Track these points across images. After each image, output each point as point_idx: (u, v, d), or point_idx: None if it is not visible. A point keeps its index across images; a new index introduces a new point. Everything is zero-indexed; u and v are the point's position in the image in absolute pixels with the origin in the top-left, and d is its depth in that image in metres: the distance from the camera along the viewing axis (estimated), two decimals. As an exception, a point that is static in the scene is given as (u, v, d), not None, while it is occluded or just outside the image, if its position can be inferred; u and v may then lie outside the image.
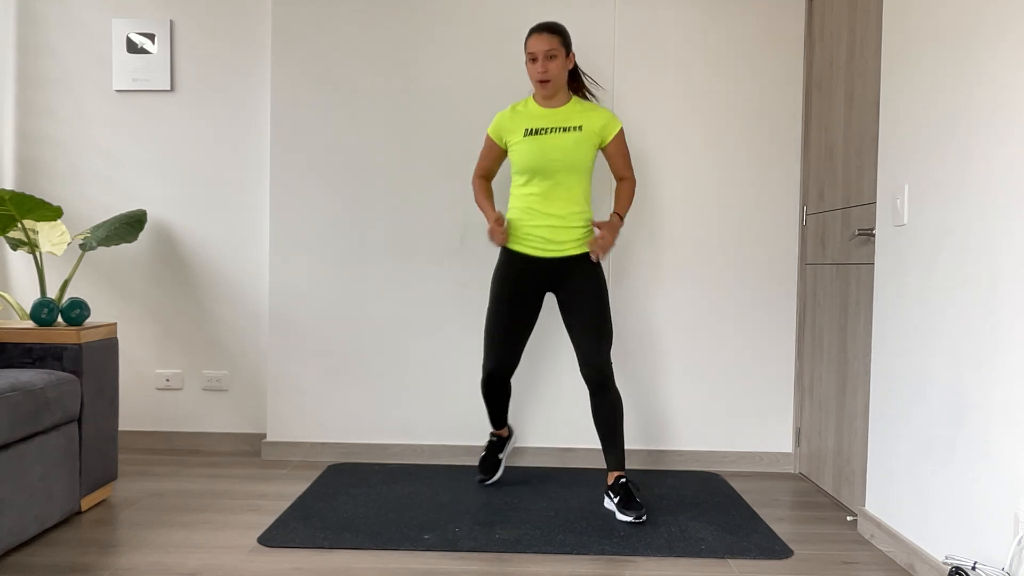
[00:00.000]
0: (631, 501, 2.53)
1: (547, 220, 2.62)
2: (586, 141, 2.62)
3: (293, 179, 3.25)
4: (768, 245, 3.23)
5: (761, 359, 3.24)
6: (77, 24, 3.40)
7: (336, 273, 3.26)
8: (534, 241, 2.64)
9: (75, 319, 2.58)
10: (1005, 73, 1.84)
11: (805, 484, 3.05)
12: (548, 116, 2.64)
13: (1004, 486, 1.82)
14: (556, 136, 2.61)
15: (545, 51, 2.57)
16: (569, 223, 2.62)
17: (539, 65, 2.59)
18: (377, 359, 3.27)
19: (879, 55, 2.52)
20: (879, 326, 2.42)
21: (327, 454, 3.27)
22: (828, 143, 2.94)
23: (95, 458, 2.59)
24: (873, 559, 2.28)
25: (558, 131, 2.61)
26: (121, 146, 3.42)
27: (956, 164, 2.03)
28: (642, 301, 3.23)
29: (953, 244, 2.03)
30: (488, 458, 2.94)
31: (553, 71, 2.59)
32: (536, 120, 2.64)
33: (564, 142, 2.60)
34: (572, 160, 2.60)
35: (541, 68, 2.58)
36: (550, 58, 2.58)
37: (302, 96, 3.24)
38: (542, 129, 2.62)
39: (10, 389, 2.14)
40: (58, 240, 2.92)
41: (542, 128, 2.62)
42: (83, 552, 2.22)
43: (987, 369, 1.88)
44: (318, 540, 2.31)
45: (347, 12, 3.23)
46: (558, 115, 2.65)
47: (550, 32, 2.59)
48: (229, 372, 3.44)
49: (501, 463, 2.95)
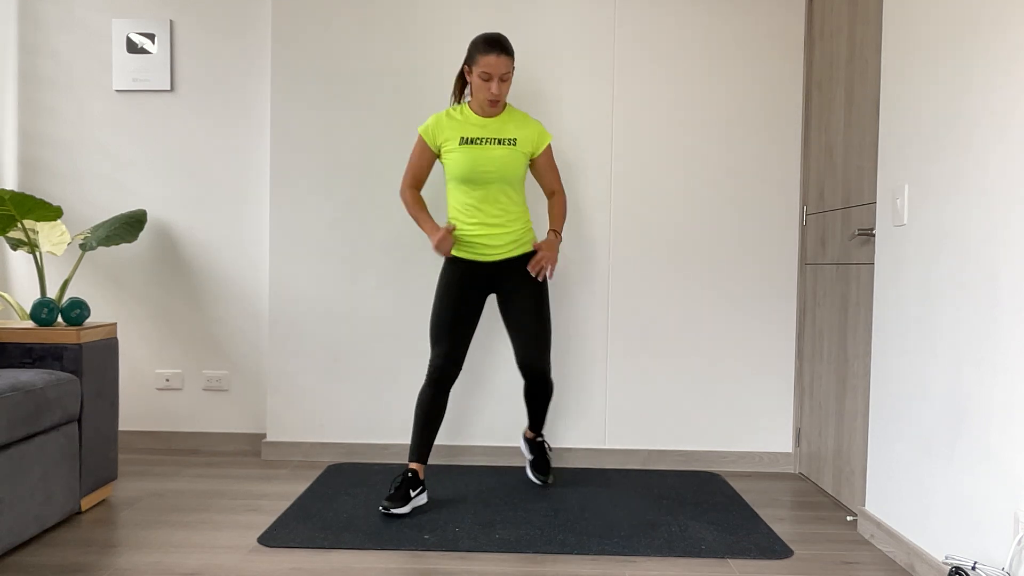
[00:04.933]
0: (544, 463, 2.90)
1: (483, 229, 2.65)
2: (519, 153, 2.65)
3: (293, 179, 3.25)
4: (768, 245, 3.23)
5: (761, 359, 3.24)
6: (77, 24, 3.40)
7: (336, 273, 3.26)
8: (473, 247, 2.67)
9: (75, 319, 2.58)
10: (1005, 73, 1.83)
11: (805, 484, 3.05)
12: (483, 126, 2.65)
13: (1004, 486, 1.82)
14: (490, 148, 2.62)
15: (502, 73, 2.56)
16: (505, 228, 2.66)
17: (492, 86, 2.56)
18: (377, 359, 3.27)
19: (879, 55, 2.52)
20: (879, 326, 2.42)
21: (327, 454, 3.27)
22: (828, 143, 2.94)
23: (95, 458, 2.59)
24: (873, 559, 2.28)
25: (492, 143, 2.63)
26: (121, 146, 3.42)
27: (956, 164, 2.03)
28: (641, 301, 3.23)
29: (953, 244, 2.03)
30: (401, 490, 2.56)
31: (504, 92, 2.60)
32: (471, 129, 2.64)
33: (498, 154, 2.62)
34: (505, 172, 2.63)
35: (495, 90, 2.57)
36: (503, 80, 2.58)
37: (302, 96, 3.24)
38: (477, 139, 2.63)
39: (10, 389, 2.14)
40: (58, 240, 2.92)
41: (477, 138, 2.63)
42: (83, 552, 2.22)
43: (987, 369, 1.88)
44: (318, 540, 2.31)
45: (347, 12, 3.23)
46: (493, 126, 2.65)
47: (507, 54, 2.55)
48: (229, 372, 3.44)
49: (410, 502, 2.55)
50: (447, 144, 2.65)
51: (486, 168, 2.60)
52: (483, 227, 2.64)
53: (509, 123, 2.67)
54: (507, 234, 2.66)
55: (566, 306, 3.24)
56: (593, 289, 3.24)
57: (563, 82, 3.22)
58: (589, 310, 3.24)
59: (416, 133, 3.22)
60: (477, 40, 2.58)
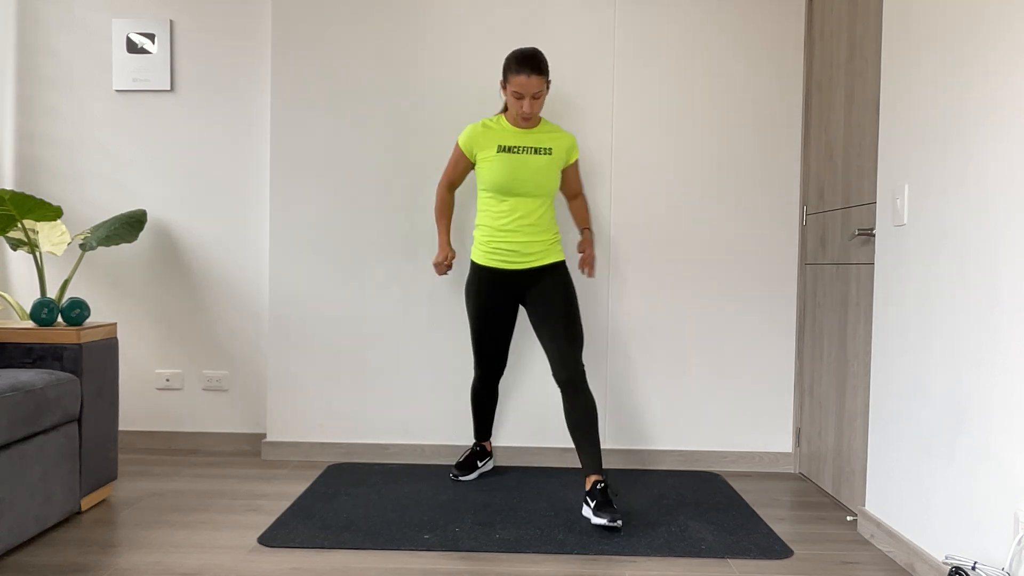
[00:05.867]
0: (606, 504, 2.43)
1: (515, 236, 2.67)
2: (555, 164, 2.70)
3: (293, 179, 3.25)
4: (768, 245, 3.23)
5: (761, 359, 3.24)
6: (77, 24, 3.40)
7: (336, 273, 3.26)
8: (503, 255, 2.69)
9: (75, 319, 2.58)
10: (1005, 72, 1.83)
11: (805, 484, 3.05)
12: (521, 136, 2.68)
13: (1004, 486, 1.82)
14: (528, 157, 2.65)
15: (534, 92, 2.57)
16: (536, 236, 2.69)
17: (524, 104, 2.59)
18: (377, 359, 3.27)
19: (879, 55, 2.52)
20: (879, 326, 2.42)
21: (327, 454, 3.27)
22: (828, 143, 2.94)
23: (95, 458, 2.59)
24: (873, 559, 2.28)
25: (530, 151, 2.66)
26: (121, 146, 3.42)
27: (956, 164, 2.03)
28: (641, 301, 3.23)
29: (953, 244, 2.03)
30: (468, 460, 3.03)
31: (537, 109, 2.61)
32: (509, 138, 2.68)
33: (536, 164, 2.65)
34: (541, 181, 2.66)
35: (528, 108, 2.59)
36: (535, 98, 2.59)
37: (302, 96, 3.24)
38: (515, 147, 2.66)
39: (10, 389, 2.14)
40: (58, 240, 2.92)
41: (515, 147, 2.66)
42: (83, 552, 2.22)
43: (987, 369, 1.88)
44: (318, 540, 2.31)
45: (347, 12, 3.23)
46: (530, 136, 2.69)
47: (539, 74, 2.56)
48: (229, 372, 3.44)
49: (478, 470, 3.03)
50: (484, 152, 2.68)
51: (523, 176, 2.64)
52: (515, 234, 2.67)
53: (544, 134, 2.71)
54: (538, 243, 2.69)
55: (566, 306, 3.24)
56: (593, 289, 3.23)
57: (563, 82, 3.22)
58: (589, 309, 3.24)
59: (423, 133, 3.22)
60: (510, 58, 2.59)
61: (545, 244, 2.71)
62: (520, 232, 2.67)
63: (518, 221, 2.67)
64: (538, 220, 2.69)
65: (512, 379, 3.25)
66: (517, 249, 2.68)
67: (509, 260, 2.70)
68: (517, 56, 2.57)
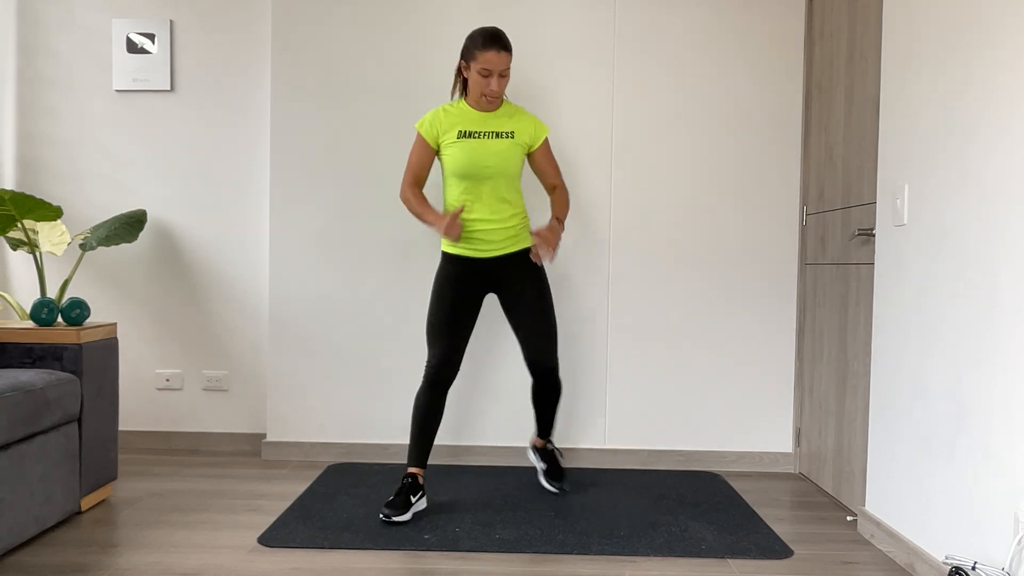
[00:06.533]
0: (557, 470, 2.84)
1: (481, 224, 2.62)
2: (517, 147, 2.64)
3: (293, 179, 3.25)
4: (768, 245, 3.23)
5: (761, 359, 3.24)
6: (77, 24, 3.40)
7: (336, 272, 3.26)
8: (471, 242, 2.64)
9: (75, 319, 2.58)
10: (1005, 72, 1.83)
11: (805, 484, 3.05)
12: (481, 120, 2.64)
13: (1004, 486, 1.82)
14: (489, 141, 2.61)
15: (501, 69, 2.55)
16: (503, 224, 2.64)
17: (492, 82, 2.55)
18: (377, 359, 3.27)
19: (879, 55, 2.52)
20: (879, 326, 2.42)
21: (327, 454, 3.27)
22: (828, 143, 2.94)
23: (95, 458, 2.59)
24: (873, 559, 2.28)
25: (491, 135, 2.61)
26: (121, 146, 3.42)
27: (956, 164, 2.03)
28: (641, 300, 3.23)
29: (953, 244, 2.03)
30: (401, 497, 2.51)
31: (503, 88, 2.59)
32: (469, 123, 2.63)
33: (497, 148, 2.60)
34: (504, 166, 2.61)
35: (495, 86, 2.56)
36: (503, 76, 2.57)
37: (302, 96, 3.24)
38: (475, 132, 2.61)
39: (10, 389, 2.14)
40: (58, 240, 2.92)
41: (475, 131, 2.61)
42: (83, 552, 2.22)
43: (987, 369, 1.88)
44: (318, 540, 2.31)
45: (347, 12, 3.23)
46: (491, 120, 2.64)
47: (507, 50, 2.54)
48: (229, 372, 3.44)
49: (412, 507, 2.52)
50: (445, 138, 2.62)
51: (485, 162, 2.59)
52: (481, 222, 2.62)
53: (506, 116, 2.66)
54: (505, 229, 2.64)
55: (566, 306, 3.24)
56: (593, 289, 3.23)
57: (563, 82, 3.22)
58: (589, 310, 3.24)
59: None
60: (475, 35, 2.55)
61: (515, 229, 2.66)
62: (486, 220, 2.61)
63: (484, 207, 2.61)
64: (504, 206, 2.63)
65: (509, 379, 3.25)
66: (484, 237, 2.63)
67: (478, 248, 2.64)
68: (483, 33, 2.54)
